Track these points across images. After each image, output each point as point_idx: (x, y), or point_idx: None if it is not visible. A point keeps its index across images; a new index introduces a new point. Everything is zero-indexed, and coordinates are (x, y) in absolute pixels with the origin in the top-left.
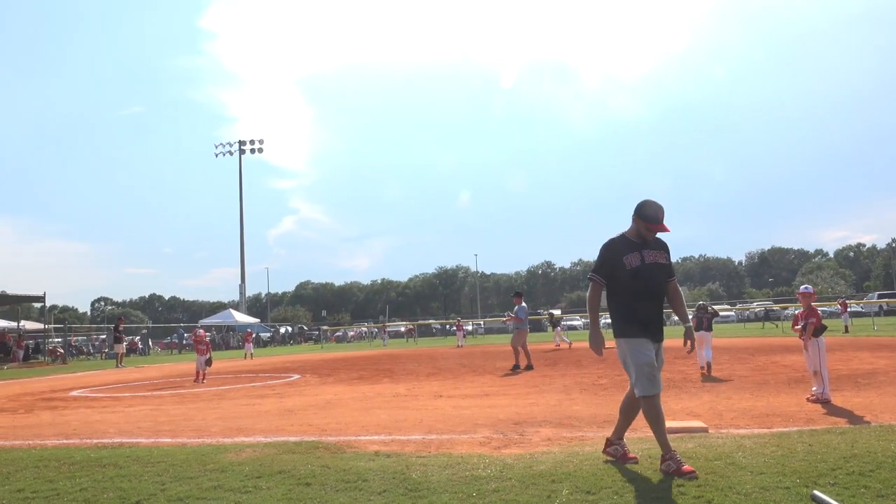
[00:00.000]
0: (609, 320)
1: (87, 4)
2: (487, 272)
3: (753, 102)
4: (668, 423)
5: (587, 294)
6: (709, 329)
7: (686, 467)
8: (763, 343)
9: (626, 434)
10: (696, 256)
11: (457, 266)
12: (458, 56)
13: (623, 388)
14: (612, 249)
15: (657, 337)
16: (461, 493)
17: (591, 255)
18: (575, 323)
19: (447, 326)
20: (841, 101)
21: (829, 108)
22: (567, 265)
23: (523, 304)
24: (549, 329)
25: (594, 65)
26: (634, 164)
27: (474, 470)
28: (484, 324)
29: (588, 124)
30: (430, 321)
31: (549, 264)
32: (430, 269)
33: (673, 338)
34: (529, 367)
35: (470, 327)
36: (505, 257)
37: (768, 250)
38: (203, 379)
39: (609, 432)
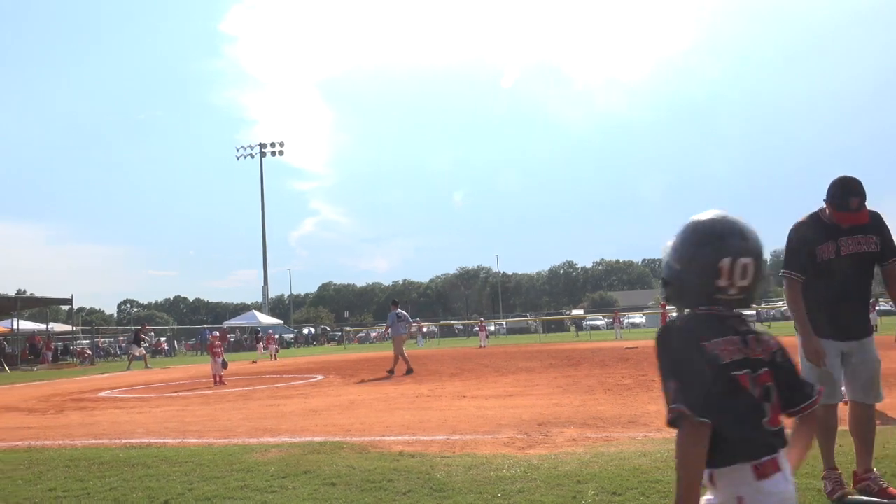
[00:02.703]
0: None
1: (110, 10)
2: (509, 272)
3: (775, 98)
4: None
5: (785, 294)
6: None
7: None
8: (789, 342)
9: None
10: None
11: (478, 266)
12: (474, 56)
13: (648, 387)
14: (801, 236)
15: (849, 334)
16: (485, 493)
17: (613, 254)
18: (598, 323)
19: (470, 327)
20: (869, 93)
21: (856, 102)
22: (589, 265)
23: (397, 311)
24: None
25: (624, 57)
26: (656, 161)
27: (498, 470)
28: (506, 324)
29: (610, 121)
30: (453, 321)
31: (570, 264)
32: (452, 269)
33: None
34: (409, 371)
35: (492, 328)
36: (526, 257)
37: None
38: (220, 382)
39: (634, 432)
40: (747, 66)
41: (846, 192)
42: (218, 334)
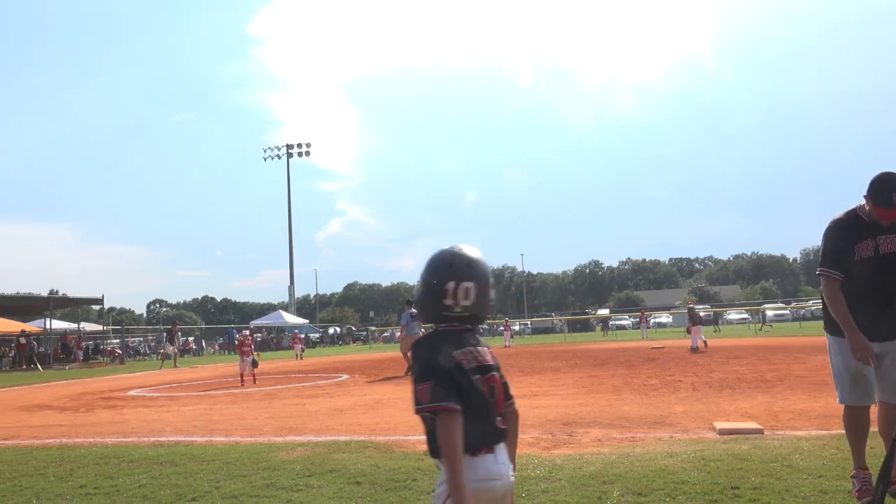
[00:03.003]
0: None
1: (143, 17)
2: (534, 272)
3: (807, 93)
4: (721, 425)
5: (823, 294)
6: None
7: None
8: (821, 342)
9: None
10: (749, 254)
11: (503, 266)
12: (494, 55)
13: (675, 387)
14: (839, 233)
15: (884, 334)
16: None
17: (640, 253)
18: (624, 322)
19: (495, 327)
20: (882, 92)
21: (870, 100)
22: (615, 264)
23: (411, 311)
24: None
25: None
26: (682, 160)
27: (523, 470)
28: (531, 324)
29: (636, 118)
30: None
31: (596, 263)
32: None
33: (730, 336)
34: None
35: (517, 327)
36: (552, 257)
37: None
38: (245, 381)
39: (660, 433)
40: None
41: (888, 188)
42: (248, 333)
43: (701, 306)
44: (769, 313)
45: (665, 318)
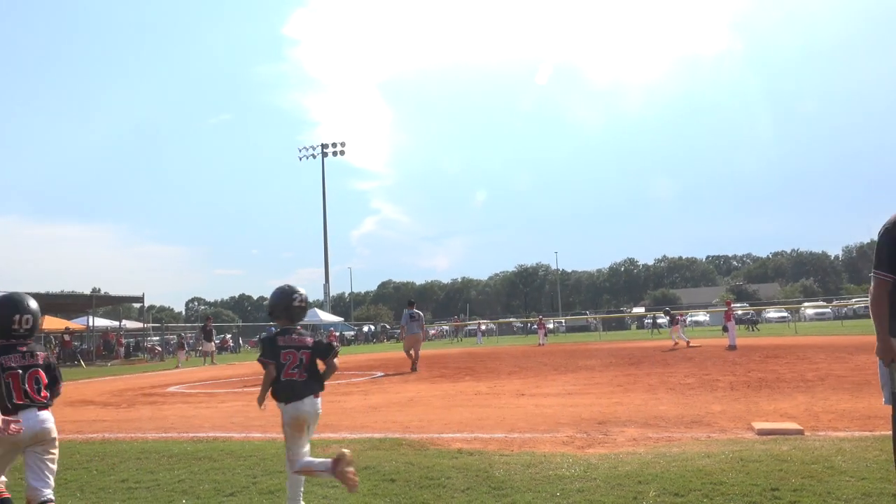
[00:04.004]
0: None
1: (179, 19)
2: (568, 270)
3: (852, 83)
4: (760, 425)
5: (870, 293)
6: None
7: None
8: (864, 341)
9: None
10: (789, 251)
11: (537, 264)
12: (529, 54)
13: (712, 387)
14: (893, 236)
15: None
16: (545, 492)
17: (676, 251)
18: (661, 321)
19: (529, 325)
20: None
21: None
22: (651, 262)
23: (411, 311)
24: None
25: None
26: (719, 152)
27: (558, 469)
28: (565, 322)
29: (668, 112)
30: (511, 319)
31: (631, 261)
32: (510, 267)
33: (769, 335)
34: (413, 369)
35: (551, 325)
36: (586, 255)
37: (867, 244)
38: None
39: (698, 433)
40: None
41: None
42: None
43: (739, 304)
44: (809, 312)
45: (702, 316)
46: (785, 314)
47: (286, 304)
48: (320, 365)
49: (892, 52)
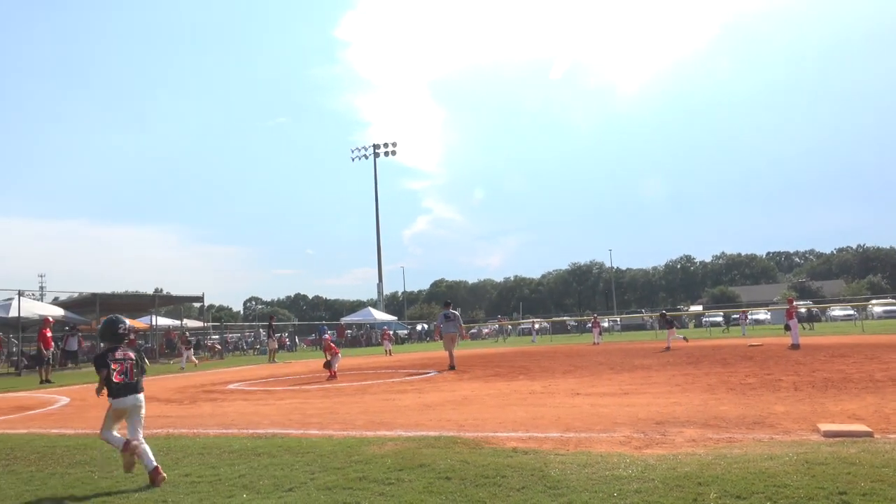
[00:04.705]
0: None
1: (234, 26)
2: (623, 268)
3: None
4: (826, 426)
5: None
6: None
7: None
8: None
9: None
10: (855, 247)
11: (591, 262)
12: (581, 51)
13: (774, 387)
14: None
15: None
16: (601, 492)
17: (735, 247)
18: (717, 319)
19: (583, 323)
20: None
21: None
22: (708, 259)
23: (446, 311)
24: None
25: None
26: (780, 144)
27: (614, 469)
28: (620, 320)
29: (733, 108)
30: (565, 318)
31: (688, 258)
32: (564, 265)
33: (833, 333)
34: (451, 368)
35: (606, 324)
36: (641, 252)
37: None
38: (333, 375)
39: (760, 434)
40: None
41: None
42: (328, 337)
43: (802, 302)
44: (877, 310)
45: (763, 314)
46: (851, 312)
47: (112, 330)
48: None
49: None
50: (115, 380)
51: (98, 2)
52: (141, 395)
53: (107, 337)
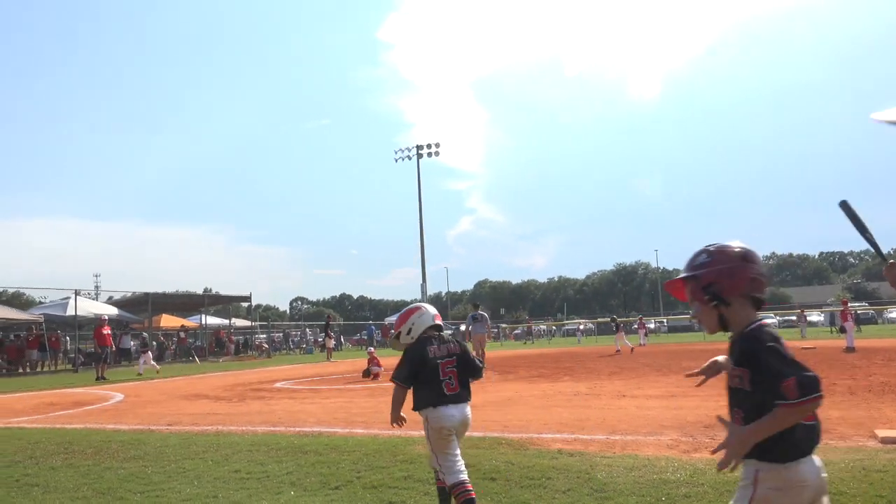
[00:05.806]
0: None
1: (279, 30)
2: (669, 268)
3: None
4: (884, 432)
5: None
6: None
7: None
8: None
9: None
10: None
11: (636, 262)
12: (622, 51)
13: (829, 391)
14: None
15: None
16: (649, 496)
17: (786, 247)
18: (770, 320)
19: (629, 325)
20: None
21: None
22: None
23: (474, 313)
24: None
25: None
26: (831, 146)
27: (662, 473)
28: (667, 322)
29: (782, 106)
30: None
31: None
32: (609, 265)
33: (891, 336)
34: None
35: (652, 325)
36: (688, 252)
37: None
38: (375, 377)
39: None
40: None
41: None
42: (373, 350)
43: (857, 304)
44: None
45: (816, 316)
46: None
47: None
48: None
49: None
50: None
51: (151, 10)
52: None
53: None
